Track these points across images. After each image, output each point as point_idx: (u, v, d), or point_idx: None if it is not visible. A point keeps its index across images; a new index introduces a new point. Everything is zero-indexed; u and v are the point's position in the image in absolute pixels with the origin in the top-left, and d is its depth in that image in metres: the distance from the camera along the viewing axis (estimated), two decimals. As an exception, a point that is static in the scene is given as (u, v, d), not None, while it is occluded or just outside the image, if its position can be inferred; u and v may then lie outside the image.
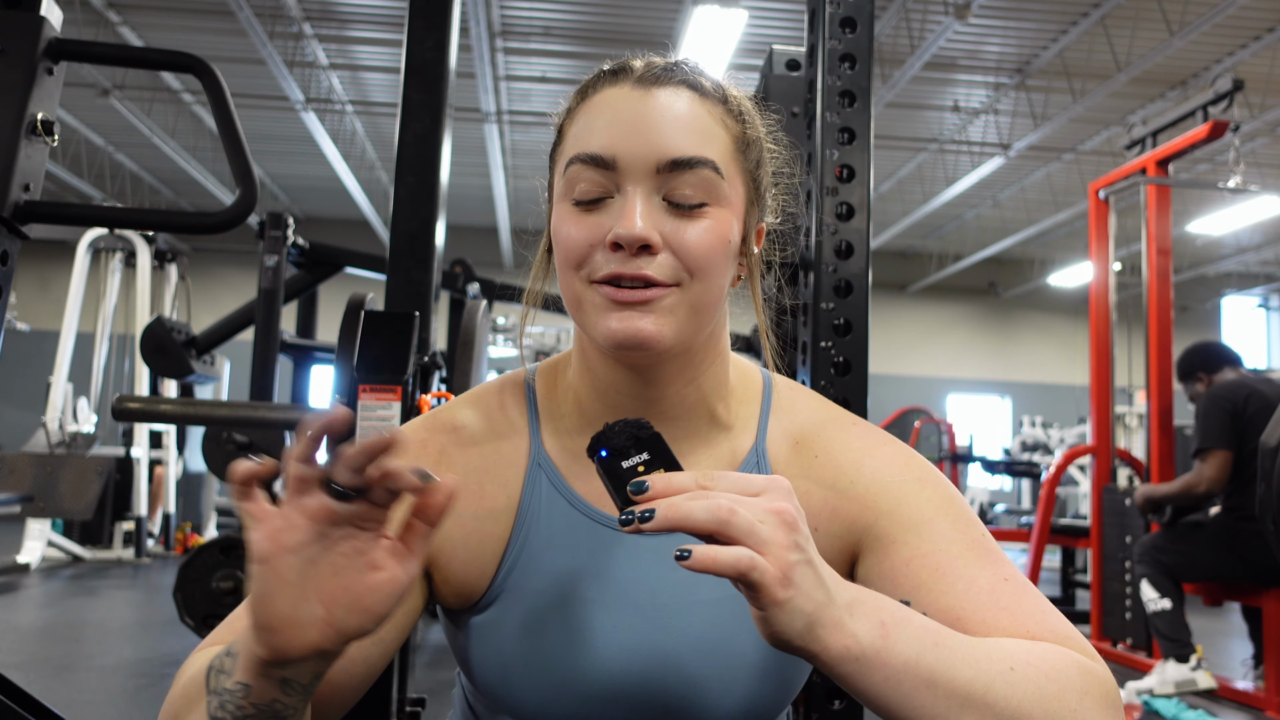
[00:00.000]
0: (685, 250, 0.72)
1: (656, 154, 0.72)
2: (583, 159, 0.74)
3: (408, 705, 2.13)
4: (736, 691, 0.77)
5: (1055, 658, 0.66)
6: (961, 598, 0.71)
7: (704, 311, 0.75)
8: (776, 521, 0.57)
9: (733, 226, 0.76)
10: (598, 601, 0.77)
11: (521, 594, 0.78)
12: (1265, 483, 2.96)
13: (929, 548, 0.74)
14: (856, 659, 0.59)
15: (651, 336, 0.72)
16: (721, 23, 6.90)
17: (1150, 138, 4.45)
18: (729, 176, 0.75)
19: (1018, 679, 0.63)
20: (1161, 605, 3.53)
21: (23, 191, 1.49)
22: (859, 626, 0.59)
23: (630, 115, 0.74)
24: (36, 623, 4.51)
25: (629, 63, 0.78)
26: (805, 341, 1.50)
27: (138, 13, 8.18)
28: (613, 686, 0.76)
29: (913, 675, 0.60)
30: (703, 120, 0.75)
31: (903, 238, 14.09)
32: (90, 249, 6.69)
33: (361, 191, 11.76)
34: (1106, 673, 0.68)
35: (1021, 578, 0.73)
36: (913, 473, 0.79)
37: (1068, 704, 0.63)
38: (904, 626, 0.61)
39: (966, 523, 0.76)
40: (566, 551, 0.79)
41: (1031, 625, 0.69)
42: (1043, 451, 9.86)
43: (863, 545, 0.77)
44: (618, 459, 0.61)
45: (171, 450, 7.20)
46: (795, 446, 0.83)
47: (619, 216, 0.72)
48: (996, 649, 0.65)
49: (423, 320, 1.98)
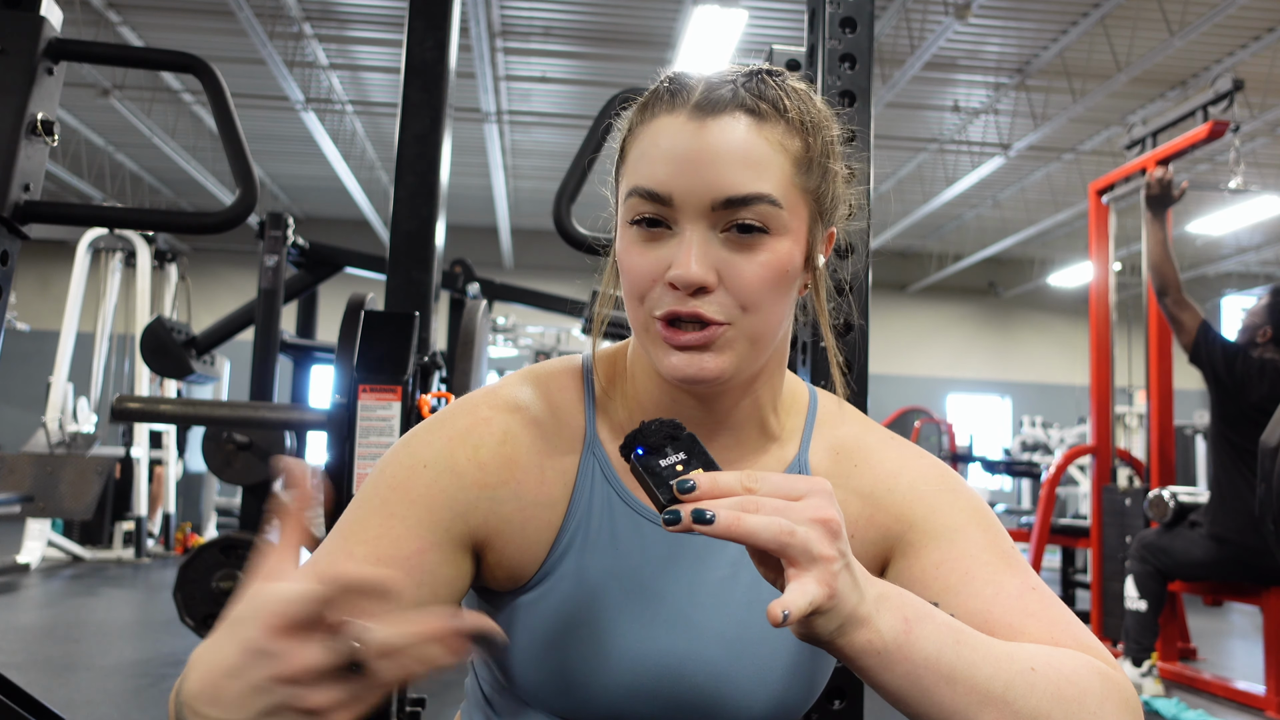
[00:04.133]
0: (740, 288, 0.73)
1: (711, 192, 0.72)
2: (640, 193, 0.74)
3: (408, 705, 2.13)
4: (766, 692, 0.78)
5: (1077, 663, 0.67)
6: (990, 602, 0.72)
7: (762, 340, 0.76)
8: (822, 533, 0.59)
9: (793, 254, 0.76)
10: (636, 595, 0.78)
11: (564, 581, 0.78)
12: (1265, 483, 2.96)
13: (959, 553, 0.76)
14: (879, 653, 0.60)
15: (712, 373, 0.74)
16: (721, 23, 6.90)
17: (1150, 138, 4.45)
18: (789, 204, 0.74)
19: (1038, 680, 0.64)
20: (1138, 606, 3.57)
21: (23, 191, 1.49)
22: (883, 621, 0.61)
23: (685, 150, 0.73)
24: (36, 623, 4.51)
25: (687, 82, 0.76)
26: (805, 342, 1.50)
27: (138, 13, 8.18)
28: (643, 682, 0.77)
29: (933, 671, 0.61)
30: (759, 150, 0.74)
31: (903, 238, 14.09)
32: (90, 249, 6.69)
33: (361, 191, 11.76)
34: (1127, 681, 0.69)
35: (1047, 589, 0.75)
36: (947, 484, 0.82)
37: (1088, 707, 0.64)
38: (926, 623, 0.62)
39: (996, 534, 0.78)
40: (611, 543, 0.79)
41: (1057, 632, 0.71)
42: (1043, 451, 9.86)
43: (894, 551, 0.79)
44: (654, 457, 0.62)
45: (171, 450, 7.20)
46: (835, 457, 0.85)
47: (676, 253, 0.73)
48: (1019, 651, 0.66)
49: (423, 320, 1.98)
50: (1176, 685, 3.82)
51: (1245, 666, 4.40)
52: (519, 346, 9.29)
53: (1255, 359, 3.53)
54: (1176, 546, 3.60)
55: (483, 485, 0.77)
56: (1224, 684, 3.64)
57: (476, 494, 0.77)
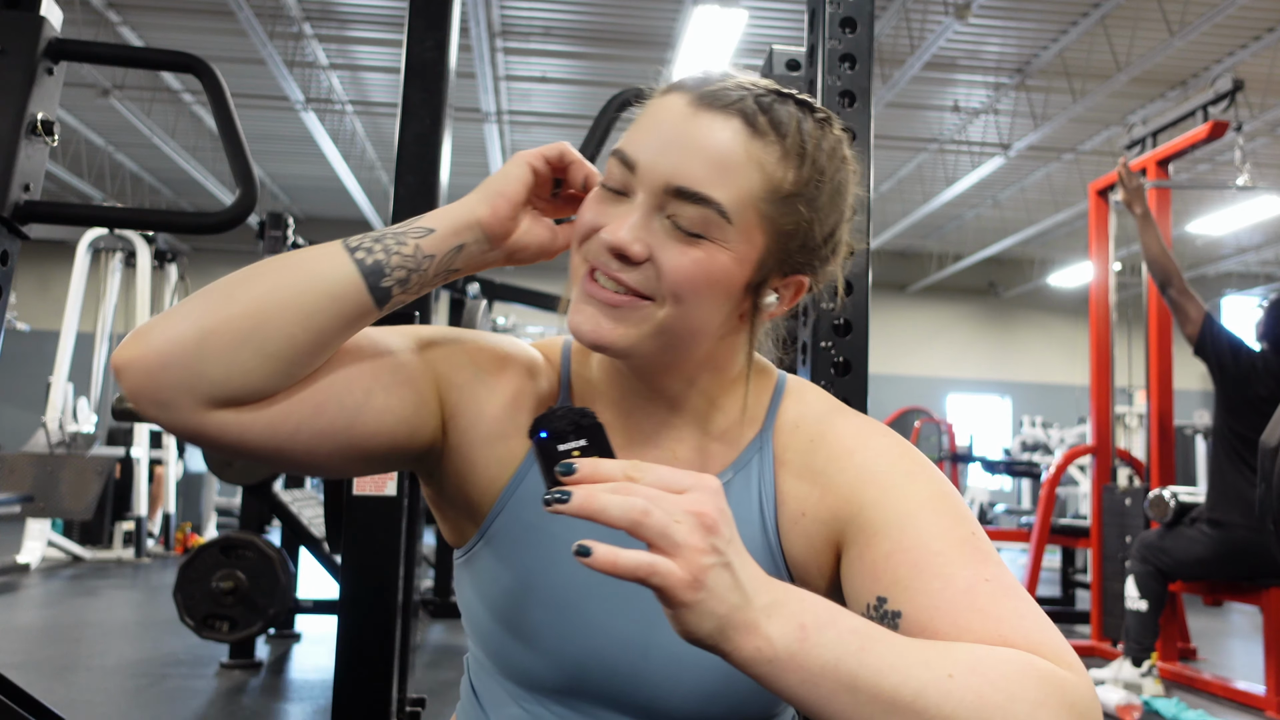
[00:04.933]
0: (664, 272, 0.73)
1: (666, 176, 0.73)
2: (616, 154, 0.76)
3: (408, 705, 2.13)
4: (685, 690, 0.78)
5: (1010, 667, 0.62)
6: (936, 597, 0.68)
7: (673, 337, 0.75)
8: (694, 523, 0.57)
9: (730, 273, 0.74)
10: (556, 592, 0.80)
11: (494, 561, 0.81)
12: (1265, 483, 2.96)
13: (910, 542, 0.71)
14: (769, 661, 0.59)
15: (605, 339, 0.75)
16: (721, 23, 6.90)
17: (1150, 138, 4.45)
18: (741, 224, 0.73)
19: (955, 687, 0.59)
20: (1138, 606, 3.57)
21: (23, 191, 1.49)
22: (774, 629, 0.59)
23: (666, 129, 0.74)
24: (36, 623, 4.51)
25: (711, 75, 0.77)
26: (805, 342, 1.50)
27: (138, 13, 8.18)
28: (569, 675, 0.79)
29: (831, 678, 0.59)
30: (733, 159, 0.73)
31: (903, 238, 14.09)
32: (90, 249, 6.69)
33: (361, 191, 11.76)
34: (1079, 682, 0.63)
35: (1006, 579, 0.70)
36: (904, 465, 0.77)
37: (1015, 713, 0.59)
38: (826, 630, 0.60)
39: (954, 519, 0.73)
40: (540, 529, 0.81)
41: (1005, 629, 0.66)
42: (1043, 451, 9.86)
43: (847, 535, 0.76)
44: (555, 442, 0.62)
45: (171, 450, 7.20)
46: (795, 432, 0.83)
47: (620, 217, 0.74)
48: (939, 655, 0.61)
49: (422, 320, 1.98)
50: (1176, 685, 3.82)
51: (1245, 666, 4.40)
52: (519, 346, 9.29)
53: (1259, 353, 3.55)
54: (1177, 546, 3.61)
55: (475, 364, 0.83)
56: (1224, 684, 3.64)
57: (465, 360, 0.83)
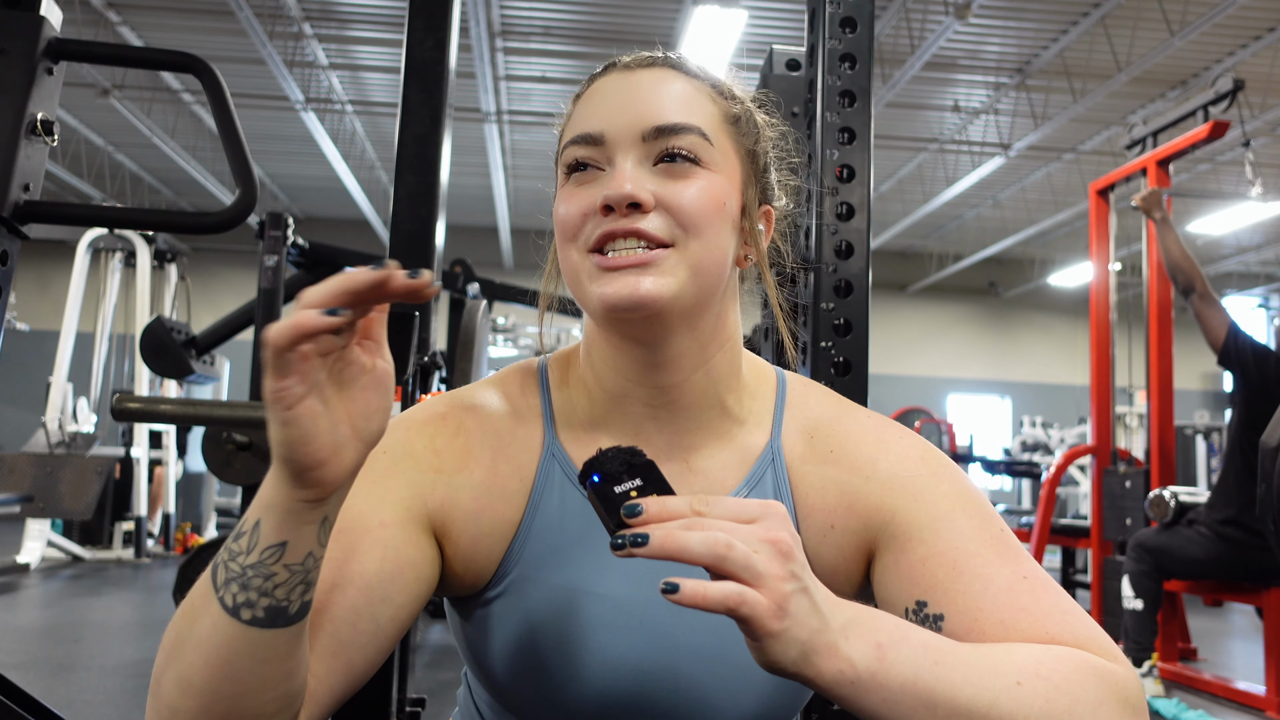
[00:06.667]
0: (677, 207, 0.72)
1: (641, 123, 0.74)
2: (574, 140, 0.76)
3: (408, 705, 2.13)
4: (746, 699, 0.76)
5: (1069, 667, 0.64)
6: (979, 598, 0.69)
7: (705, 275, 0.74)
8: (772, 552, 0.57)
9: (728, 192, 0.76)
10: (603, 601, 0.76)
11: (528, 585, 0.77)
12: (1265, 483, 2.96)
13: (945, 545, 0.72)
14: (852, 682, 0.58)
15: (649, 294, 0.71)
16: (721, 23, 6.90)
17: (1151, 138, 4.45)
18: (719, 145, 0.76)
19: (1024, 694, 0.61)
20: (1134, 605, 3.57)
21: (23, 191, 1.49)
22: (854, 649, 0.59)
23: (615, 94, 0.76)
24: (36, 623, 4.51)
25: (617, 58, 0.80)
26: (805, 342, 1.50)
27: (138, 13, 8.18)
28: (619, 692, 0.76)
29: (910, 696, 0.59)
30: (687, 92, 0.76)
31: (903, 238, 14.08)
32: (90, 249, 6.69)
33: (361, 191, 11.75)
34: (1128, 674, 0.66)
35: (1041, 574, 0.71)
36: (929, 466, 0.78)
37: (1079, 715, 0.61)
38: (901, 647, 0.60)
39: (984, 517, 0.74)
40: (577, 545, 0.78)
41: (1050, 626, 0.67)
42: (1043, 451, 9.86)
43: (879, 542, 0.76)
44: (610, 484, 0.60)
45: (171, 450, 7.20)
46: (810, 441, 0.82)
47: (608, 182, 0.73)
48: (1004, 662, 0.63)
49: (423, 320, 1.98)
50: (1176, 685, 3.82)
51: (1245, 666, 4.40)
52: (519, 346, 9.29)
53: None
54: (1174, 544, 3.61)
55: (439, 470, 0.77)
56: (1224, 684, 3.64)
57: (433, 478, 0.77)
